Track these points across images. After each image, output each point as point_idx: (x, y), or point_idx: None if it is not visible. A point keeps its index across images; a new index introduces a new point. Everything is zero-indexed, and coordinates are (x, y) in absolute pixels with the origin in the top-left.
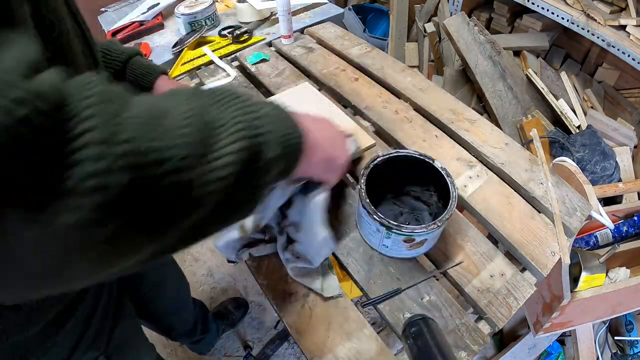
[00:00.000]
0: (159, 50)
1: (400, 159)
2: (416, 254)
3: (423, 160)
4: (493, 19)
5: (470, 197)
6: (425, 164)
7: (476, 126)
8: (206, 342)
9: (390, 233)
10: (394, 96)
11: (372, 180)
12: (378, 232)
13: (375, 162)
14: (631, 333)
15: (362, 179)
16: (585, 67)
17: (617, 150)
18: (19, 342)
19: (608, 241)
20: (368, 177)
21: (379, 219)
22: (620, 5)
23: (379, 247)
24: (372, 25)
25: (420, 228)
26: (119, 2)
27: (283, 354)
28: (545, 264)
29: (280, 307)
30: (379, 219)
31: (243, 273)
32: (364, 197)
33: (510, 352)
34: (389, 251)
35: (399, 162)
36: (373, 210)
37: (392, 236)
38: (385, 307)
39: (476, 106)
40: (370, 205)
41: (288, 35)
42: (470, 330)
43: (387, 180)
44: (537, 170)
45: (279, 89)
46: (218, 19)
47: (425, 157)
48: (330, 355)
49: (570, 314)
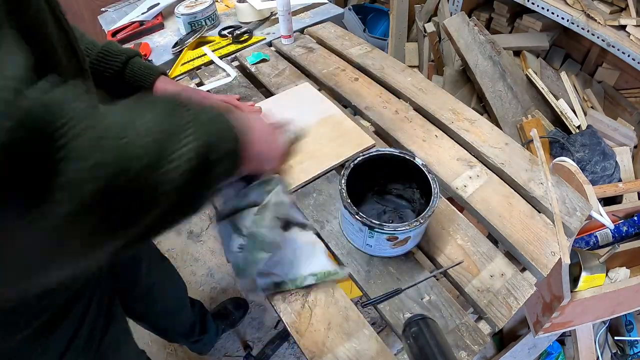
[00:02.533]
0: (159, 50)
1: (381, 158)
2: (401, 252)
3: (404, 158)
4: (493, 19)
5: (470, 197)
6: (407, 161)
7: (476, 126)
8: (206, 342)
9: (373, 232)
10: (394, 96)
11: (353, 179)
12: (361, 231)
13: (355, 161)
14: (631, 333)
15: (342, 179)
16: (585, 67)
17: (617, 150)
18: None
19: (608, 241)
20: (349, 177)
21: (360, 218)
22: (620, 5)
23: (363, 247)
24: (372, 25)
25: (402, 226)
26: (119, 2)
27: (283, 354)
28: (545, 264)
29: (280, 307)
30: (361, 218)
31: None
32: (345, 198)
33: (510, 352)
34: (373, 250)
35: (381, 161)
36: (355, 211)
37: (375, 235)
38: (385, 307)
39: (476, 106)
40: (351, 205)
41: (288, 35)
42: (470, 330)
43: (370, 179)
44: (537, 170)
45: (279, 88)
46: (218, 19)
47: (405, 155)
48: (330, 355)
49: (570, 314)
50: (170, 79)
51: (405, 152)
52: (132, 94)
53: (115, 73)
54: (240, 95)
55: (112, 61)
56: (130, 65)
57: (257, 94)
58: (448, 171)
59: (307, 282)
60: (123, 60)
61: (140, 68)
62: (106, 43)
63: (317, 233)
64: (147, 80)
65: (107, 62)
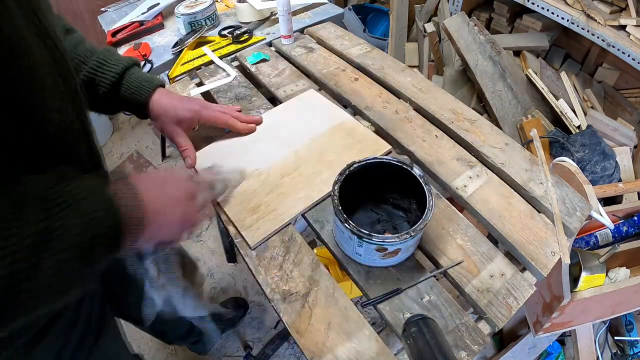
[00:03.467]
0: (159, 50)
1: (377, 165)
2: (392, 263)
3: (402, 167)
4: (493, 19)
5: (470, 197)
6: (404, 171)
7: (476, 126)
8: (206, 342)
9: (362, 242)
10: (394, 96)
11: (350, 186)
12: (351, 240)
13: (351, 168)
14: (631, 333)
15: (336, 186)
16: (585, 67)
17: (617, 150)
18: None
19: (608, 241)
20: (344, 183)
21: (349, 227)
22: (620, 5)
23: (352, 254)
24: (372, 25)
25: (392, 238)
26: (119, 2)
27: (283, 354)
28: (545, 264)
29: (280, 307)
30: (350, 227)
31: (243, 273)
32: (337, 205)
33: (510, 352)
34: (363, 259)
35: (378, 169)
36: (344, 218)
37: (365, 245)
38: (385, 307)
39: (476, 106)
40: (342, 212)
41: (288, 35)
42: (470, 330)
43: (367, 187)
44: (537, 170)
45: (279, 89)
46: (218, 19)
47: (403, 164)
48: (330, 355)
49: (570, 314)
50: (167, 91)
51: (403, 161)
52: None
53: (111, 84)
54: (240, 95)
55: (109, 70)
56: (128, 76)
57: (257, 94)
58: (448, 171)
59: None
60: (119, 70)
61: (137, 80)
62: (104, 50)
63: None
64: (142, 93)
65: (103, 71)
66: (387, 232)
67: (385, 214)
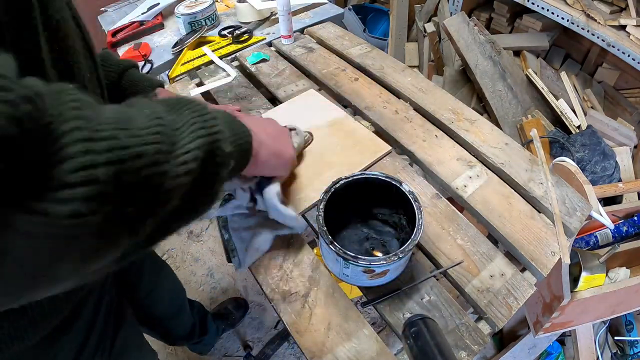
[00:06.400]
0: (159, 50)
1: (365, 182)
2: (380, 283)
3: (390, 183)
4: (493, 19)
5: (470, 197)
6: (393, 187)
7: (476, 126)
8: (206, 342)
9: (349, 264)
10: (394, 96)
11: (337, 203)
12: (337, 261)
13: (336, 185)
14: (631, 333)
15: (321, 205)
16: (585, 67)
17: (617, 150)
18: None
19: (608, 241)
20: (329, 201)
21: (335, 249)
22: (620, 5)
23: (340, 275)
24: (372, 25)
25: (379, 260)
26: (119, 2)
27: (283, 354)
28: (545, 264)
29: (280, 307)
30: (335, 249)
31: (243, 273)
32: (322, 225)
33: (510, 352)
34: (350, 280)
35: (365, 185)
36: (329, 240)
37: (351, 266)
38: (385, 307)
39: (476, 106)
40: (326, 233)
41: (288, 35)
42: (470, 330)
43: (355, 203)
44: (537, 170)
45: (279, 89)
46: (218, 19)
47: (392, 180)
48: (330, 355)
49: (570, 314)
50: (167, 91)
51: (391, 177)
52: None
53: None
54: (240, 95)
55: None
56: (128, 76)
57: (257, 94)
58: (448, 171)
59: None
60: (119, 70)
61: (137, 80)
62: (102, 53)
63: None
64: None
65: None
66: (376, 250)
67: (373, 230)
